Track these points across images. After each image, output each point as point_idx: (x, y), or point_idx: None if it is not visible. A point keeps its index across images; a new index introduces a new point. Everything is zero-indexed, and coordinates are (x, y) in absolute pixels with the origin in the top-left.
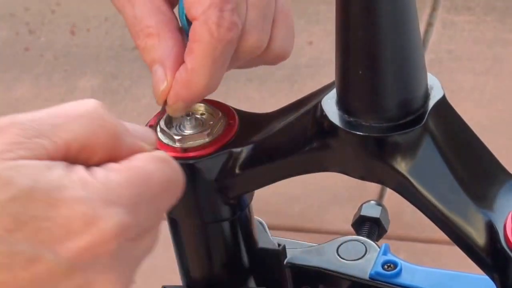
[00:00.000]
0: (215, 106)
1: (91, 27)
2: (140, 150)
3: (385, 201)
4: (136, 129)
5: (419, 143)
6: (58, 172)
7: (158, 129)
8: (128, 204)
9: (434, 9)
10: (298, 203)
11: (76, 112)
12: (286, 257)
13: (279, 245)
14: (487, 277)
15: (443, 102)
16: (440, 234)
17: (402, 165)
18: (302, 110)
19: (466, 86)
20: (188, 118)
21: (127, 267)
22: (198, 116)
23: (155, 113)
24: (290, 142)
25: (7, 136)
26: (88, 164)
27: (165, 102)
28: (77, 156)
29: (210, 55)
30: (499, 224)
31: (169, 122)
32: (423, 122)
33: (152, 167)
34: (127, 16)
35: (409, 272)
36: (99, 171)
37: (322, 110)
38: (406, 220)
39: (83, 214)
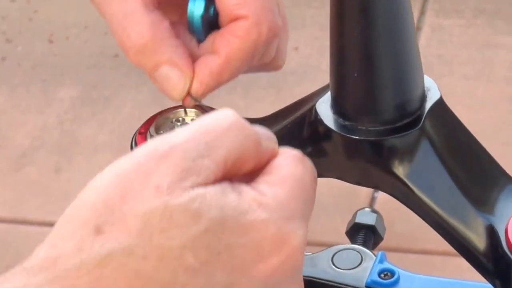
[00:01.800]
0: (207, 111)
1: (70, 35)
2: (273, 152)
3: None
4: (261, 130)
5: (416, 146)
6: (233, 196)
7: (149, 136)
8: (302, 215)
9: (422, 12)
10: None
11: (223, 126)
12: None
13: None
14: (487, 284)
15: (440, 103)
16: (433, 245)
17: (399, 169)
18: (296, 114)
19: (456, 91)
20: (179, 124)
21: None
22: (189, 122)
23: (137, 122)
24: (284, 147)
25: (174, 162)
26: (239, 175)
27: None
28: (231, 170)
29: (250, 52)
30: (500, 228)
31: (159, 128)
32: (420, 125)
33: (299, 171)
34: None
35: (407, 280)
36: (263, 188)
37: (316, 114)
38: (398, 230)
39: (272, 234)
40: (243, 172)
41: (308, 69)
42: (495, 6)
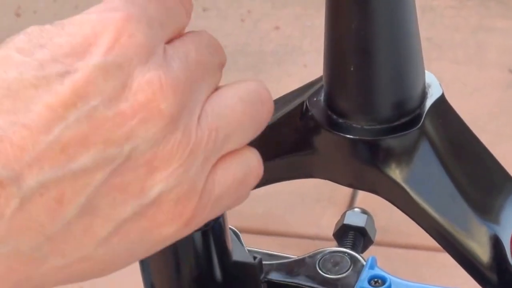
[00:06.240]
0: None
1: (38, 9)
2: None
3: (356, 205)
4: None
5: (415, 147)
6: None
7: None
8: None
9: None
10: (262, 204)
11: None
12: (262, 271)
13: (254, 257)
14: None
15: (441, 101)
16: (417, 240)
17: (396, 172)
18: (286, 110)
19: (447, 77)
20: None
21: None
22: None
23: None
24: (272, 146)
25: None
26: None
27: None
28: None
29: None
30: (505, 238)
31: None
32: (419, 124)
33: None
34: None
35: None
36: None
37: (307, 110)
38: (380, 224)
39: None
40: None
41: (289, 50)
42: None
